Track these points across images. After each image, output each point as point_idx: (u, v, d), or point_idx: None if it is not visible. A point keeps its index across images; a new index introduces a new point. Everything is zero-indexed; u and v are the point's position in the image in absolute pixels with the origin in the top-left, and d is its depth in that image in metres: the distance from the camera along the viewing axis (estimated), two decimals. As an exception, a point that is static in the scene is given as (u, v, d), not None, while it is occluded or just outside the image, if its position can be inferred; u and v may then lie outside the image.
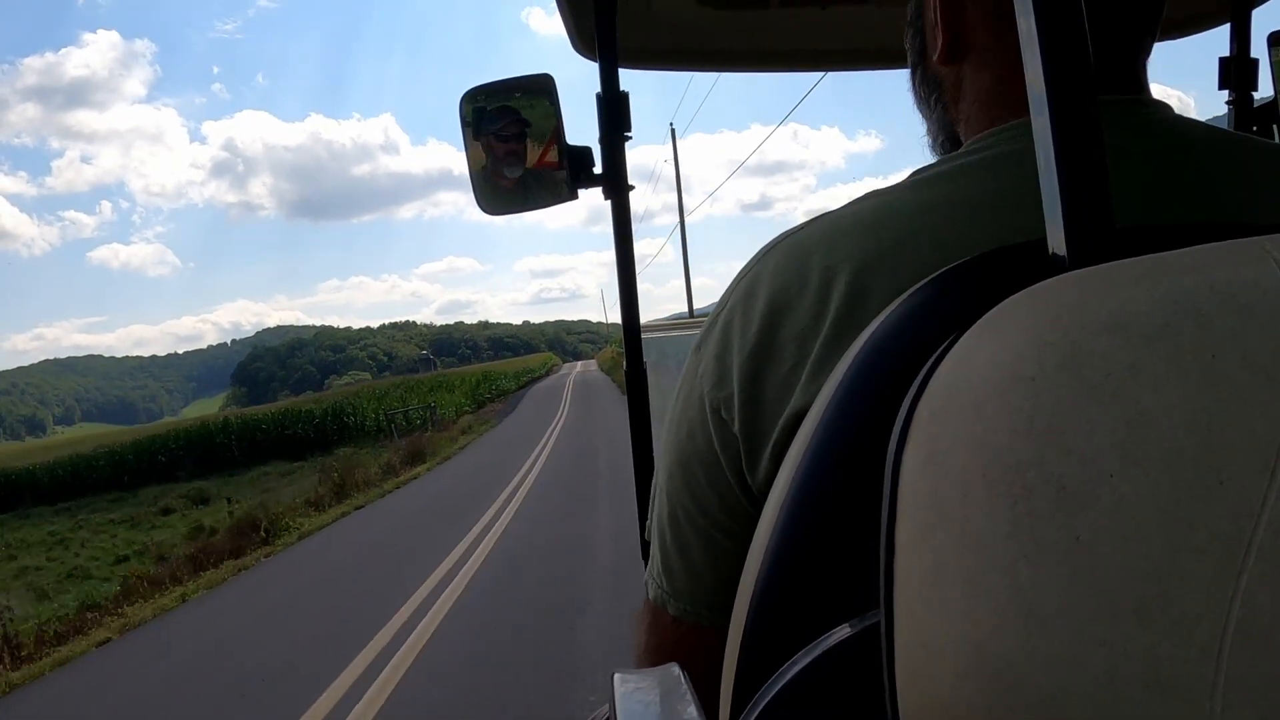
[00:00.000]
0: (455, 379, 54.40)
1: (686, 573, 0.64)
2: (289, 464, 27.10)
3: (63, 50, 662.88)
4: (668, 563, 0.66)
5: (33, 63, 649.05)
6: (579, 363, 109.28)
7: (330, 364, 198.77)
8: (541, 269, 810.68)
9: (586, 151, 1.17)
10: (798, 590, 0.46)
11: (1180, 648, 0.25)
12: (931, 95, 0.68)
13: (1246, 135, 0.63)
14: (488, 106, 1.15)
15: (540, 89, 1.15)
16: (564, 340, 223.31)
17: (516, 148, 1.15)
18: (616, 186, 1.18)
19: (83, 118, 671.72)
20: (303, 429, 31.13)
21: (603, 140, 1.18)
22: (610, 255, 1.23)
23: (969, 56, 0.62)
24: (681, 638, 0.66)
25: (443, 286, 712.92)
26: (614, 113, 1.17)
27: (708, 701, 0.49)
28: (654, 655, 0.67)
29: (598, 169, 1.17)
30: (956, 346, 0.35)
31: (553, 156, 1.15)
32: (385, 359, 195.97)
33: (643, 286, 1.42)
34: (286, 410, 34.50)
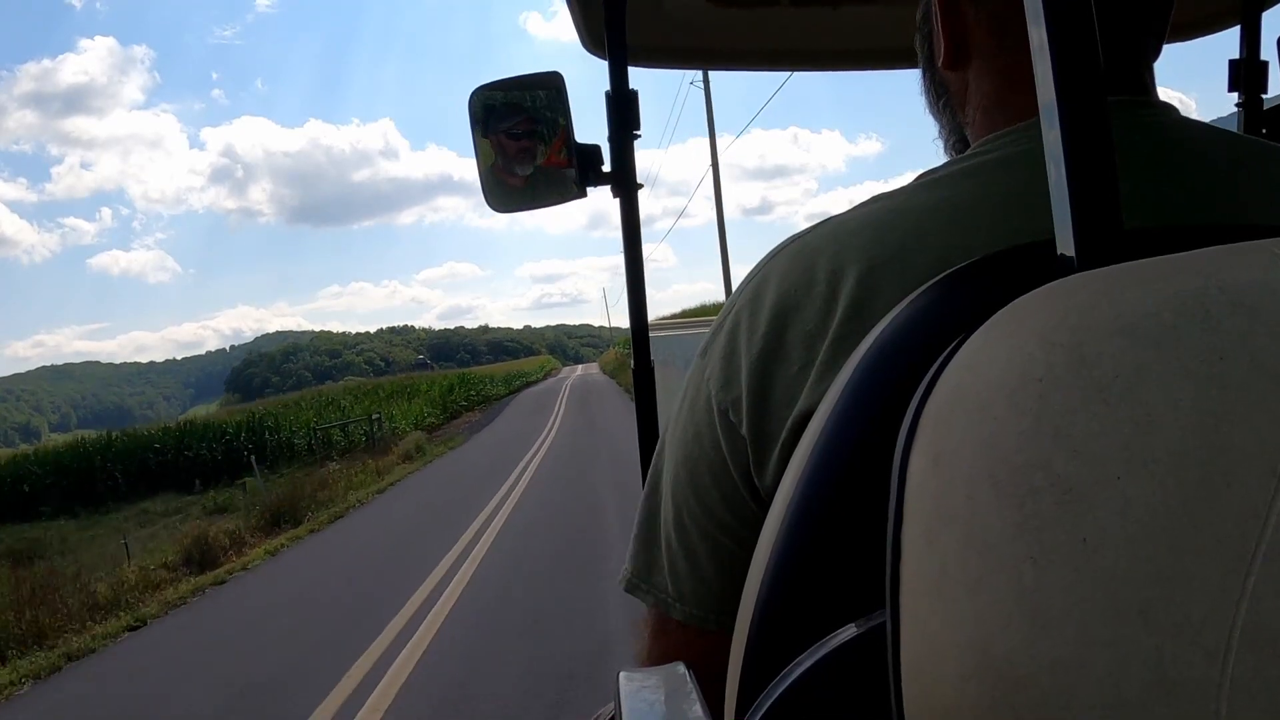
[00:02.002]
0: (422, 383, 43.40)
1: (692, 576, 0.64)
2: (182, 497, 20.53)
3: (60, 57, 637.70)
4: (674, 566, 0.65)
5: (30, 69, 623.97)
6: (580, 366, 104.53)
7: (326, 369, 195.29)
8: (543, 274, 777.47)
9: (595, 150, 1.16)
10: (803, 590, 0.45)
11: (1186, 650, 0.25)
12: (941, 99, 0.69)
13: (1252, 138, 0.63)
14: (497, 104, 1.14)
15: (549, 87, 1.14)
16: (565, 344, 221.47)
17: (528, 145, 1.14)
18: (625, 185, 1.18)
19: (81, 124, 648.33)
20: (209, 450, 23.78)
21: (612, 139, 1.17)
22: (612, 260, 1.35)
23: (973, 62, 0.63)
24: (688, 642, 0.65)
25: (443, 292, 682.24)
26: (623, 111, 1.17)
27: (716, 705, 0.49)
28: (660, 661, 0.66)
29: (606, 167, 1.17)
30: (964, 348, 0.35)
31: (561, 155, 1.14)
32: (382, 364, 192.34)
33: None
34: (186, 426, 26.12)
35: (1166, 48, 0.65)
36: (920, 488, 0.33)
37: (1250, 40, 1.23)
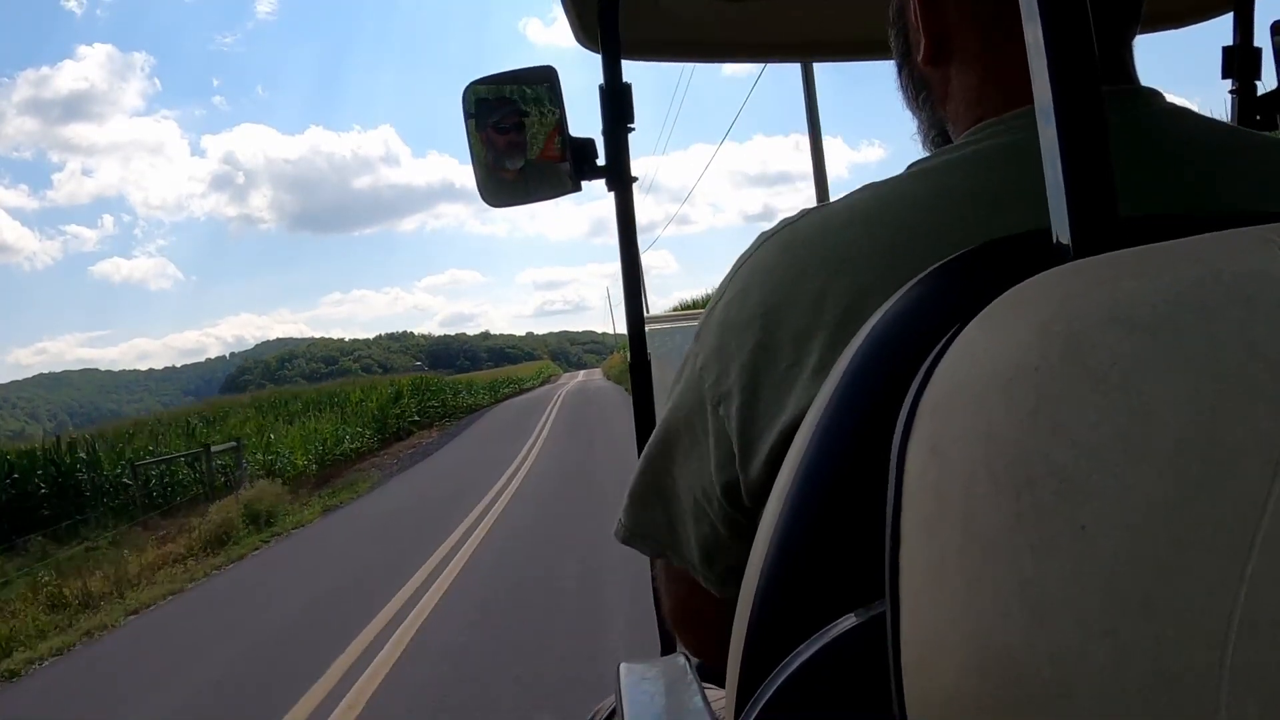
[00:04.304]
0: (354, 392, 28.44)
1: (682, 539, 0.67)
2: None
3: (59, 63, 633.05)
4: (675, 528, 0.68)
5: (29, 75, 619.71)
6: (581, 372, 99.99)
7: (322, 376, 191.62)
8: (545, 281, 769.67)
9: (589, 143, 1.18)
10: (803, 580, 0.46)
11: (1186, 639, 0.25)
12: (920, 94, 0.69)
13: (1237, 126, 0.63)
14: (491, 98, 1.16)
15: (543, 81, 1.16)
16: (568, 351, 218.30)
17: (516, 139, 1.16)
18: (619, 178, 1.19)
19: (82, 130, 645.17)
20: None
21: (605, 132, 1.19)
22: (614, 267, 1.24)
23: (954, 58, 0.63)
24: (687, 590, 0.68)
25: (446, 299, 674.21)
26: (617, 105, 1.19)
27: (717, 629, 0.52)
28: (666, 580, 0.71)
29: (600, 161, 1.18)
30: (960, 338, 0.35)
31: (555, 149, 1.16)
32: (380, 370, 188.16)
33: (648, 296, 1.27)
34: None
35: (1164, 39, 0.65)
36: (918, 478, 0.33)
37: (1244, 27, 1.23)
